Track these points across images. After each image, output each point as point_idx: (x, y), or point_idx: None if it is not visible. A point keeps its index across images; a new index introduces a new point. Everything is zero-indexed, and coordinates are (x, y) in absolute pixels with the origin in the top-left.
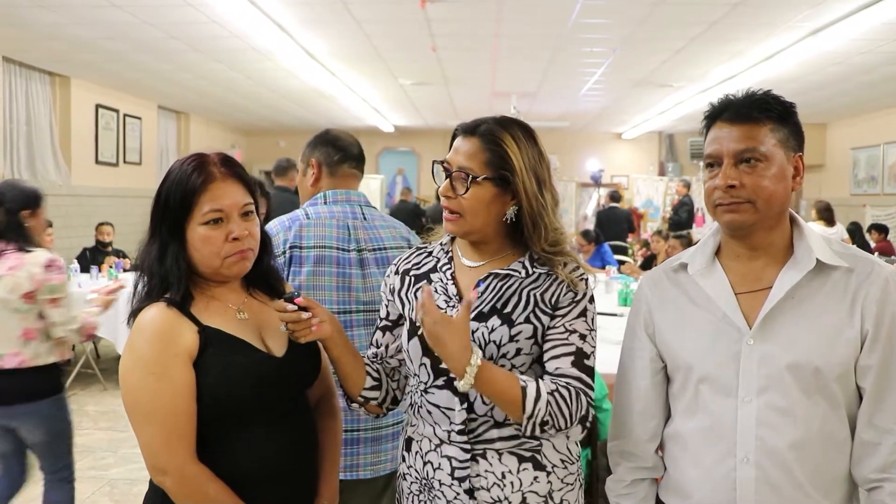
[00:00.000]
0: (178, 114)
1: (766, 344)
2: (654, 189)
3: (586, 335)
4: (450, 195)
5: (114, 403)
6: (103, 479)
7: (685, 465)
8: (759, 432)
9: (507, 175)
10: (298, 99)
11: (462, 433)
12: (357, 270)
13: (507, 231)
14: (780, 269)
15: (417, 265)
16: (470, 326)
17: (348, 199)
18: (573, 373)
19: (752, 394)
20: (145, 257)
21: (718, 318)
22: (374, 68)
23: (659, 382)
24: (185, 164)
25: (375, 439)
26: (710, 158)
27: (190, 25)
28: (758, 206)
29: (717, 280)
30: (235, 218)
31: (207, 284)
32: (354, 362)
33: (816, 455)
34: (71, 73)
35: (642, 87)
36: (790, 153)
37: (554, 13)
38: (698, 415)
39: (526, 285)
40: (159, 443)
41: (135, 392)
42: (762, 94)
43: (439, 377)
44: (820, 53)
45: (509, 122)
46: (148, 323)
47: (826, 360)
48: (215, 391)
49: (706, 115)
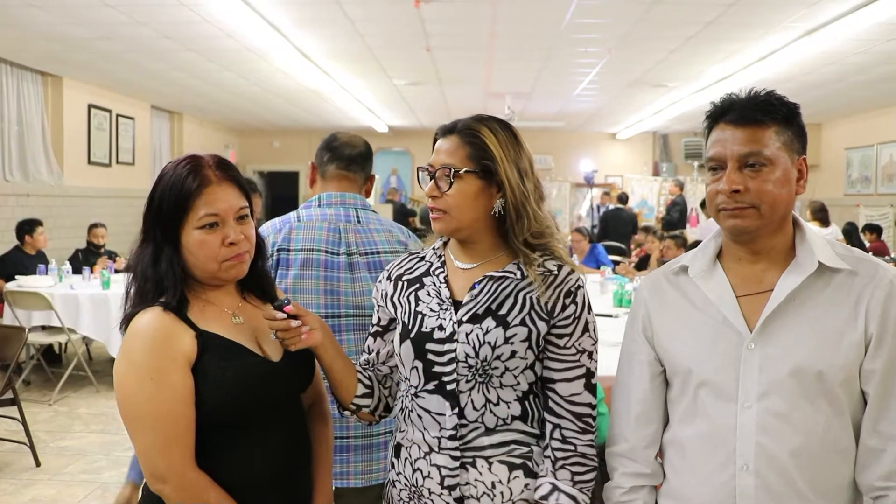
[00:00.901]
0: (172, 114)
1: (767, 348)
2: (648, 189)
3: (593, 352)
4: (435, 194)
5: (106, 406)
6: (95, 482)
7: (684, 472)
8: (759, 439)
9: (489, 164)
10: (292, 99)
11: (452, 439)
12: (346, 274)
13: (497, 229)
14: (781, 271)
15: (410, 270)
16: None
17: (343, 202)
18: (585, 398)
19: (752, 399)
20: (138, 261)
21: (719, 322)
22: (368, 68)
23: (657, 387)
24: (179, 167)
25: (366, 447)
26: (713, 161)
27: (184, 25)
28: (762, 212)
29: (718, 283)
30: (231, 222)
31: (202, 288)
32: (346, 369)
33: (818, 462)
34: (63, 73)
35: (637, 87)
36: (794, 156)
37: (549, 13)
38: (697, 420)
39: (521, 287)
40: (158, 450)
41: (132, 399)
42: (766, 95)
43: (430, 381)
44: (814, 54)
45: (486, 117)
46: (144, 328)
47: (829, 364)
48: (214, 397)
49: (708, 116)
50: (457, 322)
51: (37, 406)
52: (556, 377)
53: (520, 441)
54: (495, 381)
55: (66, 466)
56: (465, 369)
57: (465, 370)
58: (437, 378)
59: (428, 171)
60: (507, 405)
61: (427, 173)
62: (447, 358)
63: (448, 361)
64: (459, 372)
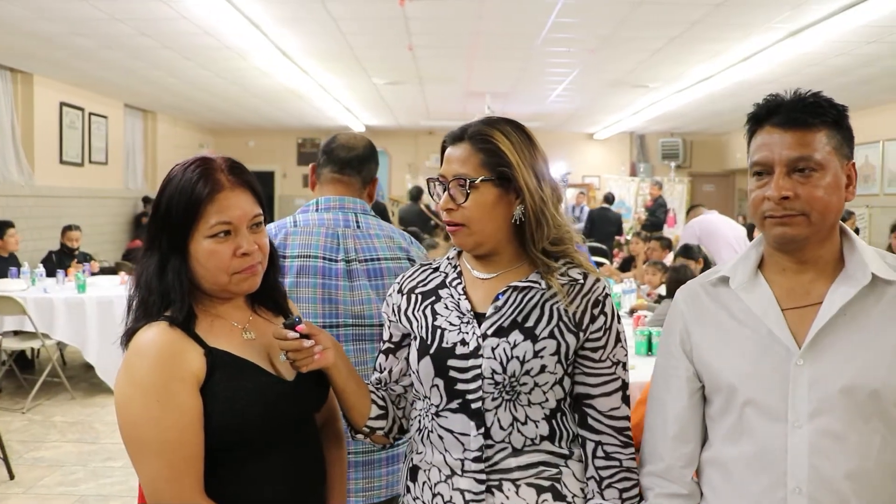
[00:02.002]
0: (146, 112)
1: (817, 364)
2: (625, 189)
3: (626, 362)
4: (451, 207)
5: (82, 413)
6: (73, 495)
7: (728, 495)
8: (813, 461)
9: (506, 171)
10: (270, 98)
11: (478, 461)
12: (344, 282)
13: (517, 237)
14: (829, 283)
15: (424, 282)
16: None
17: (342, 206)
18: (624, 412)
19: (803, 419)
20: (142, 270)
21: (763, 336)
22: (348, 67)
23: (696, 404)
24: (188, 170)
25: (367, 463)
26: (759, 166)
27: (161, 22)
28: (812, 219)
29: (762, 295)
30: (244, 231)
31: (211, 301)
32: (359, 391)
33: (875, 485)
34: (34, 70)
35: (617, 87)
36: (844, 161)
37: (534, 12)
38: (743, 440)
39: (547, 298)
40: (166, 478)
41: (137, 422)
42: (814, 97)
43: (453, 399)
44: (797, 55)
45: (496, 119)
46: (149, 344)
47: (884, 382)
48: (224, 419)
49: (750, 117)
50: (481, 336)
51: (9, 415)
52: (595, 392)
53: (548, 462)
54: (523, 399)
55: (41, 479)
56: (490, 386)
57: (490, 387)
58: (461, 396)
59: (440, 183)
60: (535, 424)
61: (440, 185)
62: (471, 374)
63: (472, 378)
64: (485, 389)
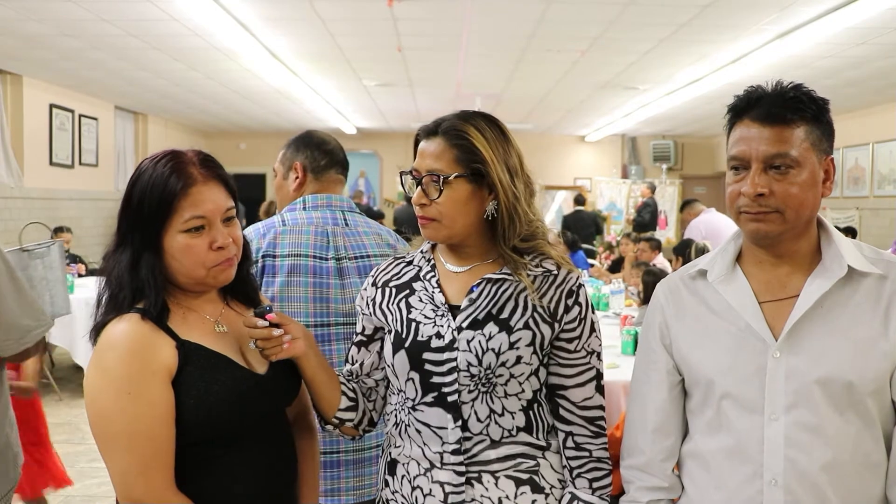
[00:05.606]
0: (136, 114)
1: (794, 357)
2: (617, 192)
3: (600, 352)
4: (424, 202)
5: (70, 415)
6: (59, 495)
7: (707, 487)
8: (789, 453)
9: (480, 167)
10: (260, 100)
11: (456, 453)
12: (335, 280)
13: (489, 231)
14: (806, 276)
15: (397, 275)
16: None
17: (329, 204)
18: (597, 401)
19: (779, 411)
20: (114, 266)
21: (741, 329)
22: (337, 69)
23: (676, 397)
24: (159, 164)
25: (358, 461)
26: (736, 161)
27: (150, 23)
28: (786, 216)
29: (739, 288)
30: (218, 224)
31: (184, 295)
32: (329, 382)
33: (850, 477)
34: (23, 72)
35: (608, 89)
36: (822, 156)
37: (523, 13)
38: (721, 433)
39: (521, 289)
40: (136, 472)
41: (107, 416)
42: (794, 90)
43: (429, 393)
44: (785, 57)
45: (471, 114)
46: (120, 337)
47: (859, 374)
48: (196, 413)
49: (730, 108)
50: (456, 329)
51: None
52: (568, 383)
53: (526, 454)
54: (499, 391)
55: None
56: (466, 379)
57: (466, 380)
58: (437, 389)
59: (413, 177)
60: (511, 416)
61: (412, 179)
62: (447, 367)
63: (448, 371)
64: (461, 382)
